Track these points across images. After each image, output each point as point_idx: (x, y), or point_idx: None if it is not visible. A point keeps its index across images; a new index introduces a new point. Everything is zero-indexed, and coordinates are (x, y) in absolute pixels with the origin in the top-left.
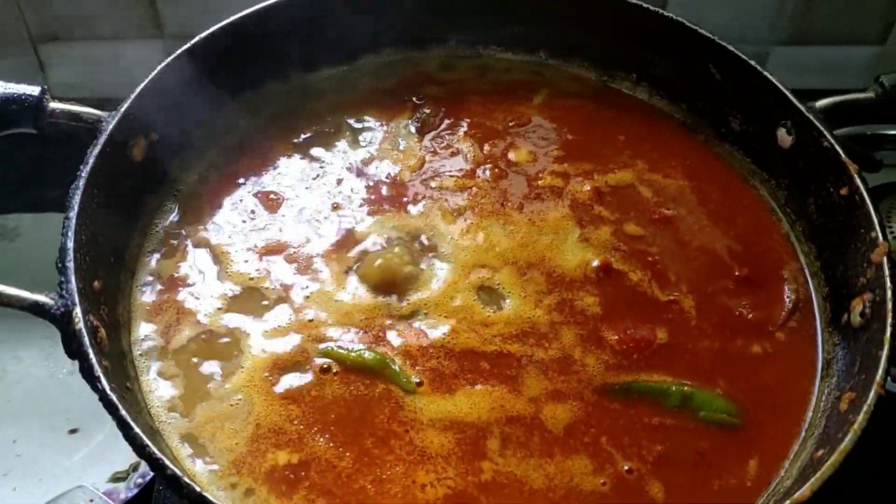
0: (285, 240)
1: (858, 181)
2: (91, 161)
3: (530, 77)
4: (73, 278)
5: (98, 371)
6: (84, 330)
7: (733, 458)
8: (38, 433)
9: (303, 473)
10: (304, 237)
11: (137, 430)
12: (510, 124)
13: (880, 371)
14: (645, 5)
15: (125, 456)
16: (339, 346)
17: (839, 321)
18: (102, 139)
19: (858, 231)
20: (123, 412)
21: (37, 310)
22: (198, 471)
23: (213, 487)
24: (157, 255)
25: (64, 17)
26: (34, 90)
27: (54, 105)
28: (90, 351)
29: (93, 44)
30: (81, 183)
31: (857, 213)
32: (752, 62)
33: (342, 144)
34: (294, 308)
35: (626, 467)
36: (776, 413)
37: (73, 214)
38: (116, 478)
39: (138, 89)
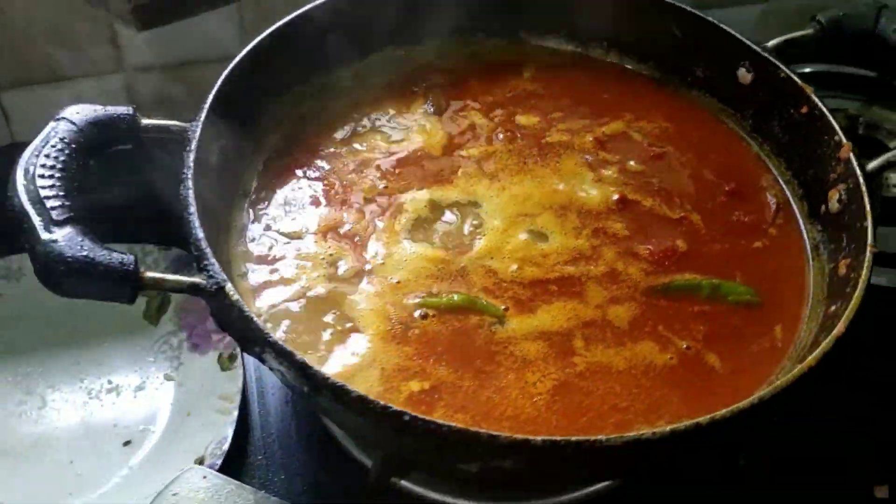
0: (349, 219)
1: (815, 99)
2: (191, 164)
3: (516, 56)
4: (212, 259)
5: (266, 330)
6: (241, 299)
7: (762, 328)
8: (92, 451)
9: (436, 396)
10: (365, 216)
11: (328, 376)
12: (509, 96)
13: (870, 233)
14: None
15: (183, 456)
16: (430, 295)
17: (818, 212)
18: (194, 144)
19: (822, 139)
20: (303, 359)
21: (195, 290)
22: None
23: None
24: (241, 243)
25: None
26: (128, 109)
27: (146, 121)
28: (251, 315)
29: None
30: (189, 184)
31: (819, 125)
32: (710, 18)
33: (377, 136)
34: (378, 276)
35: (684, 345)
36: (785, 290)
37: (192, 210)
38: None
39: (208, 102)
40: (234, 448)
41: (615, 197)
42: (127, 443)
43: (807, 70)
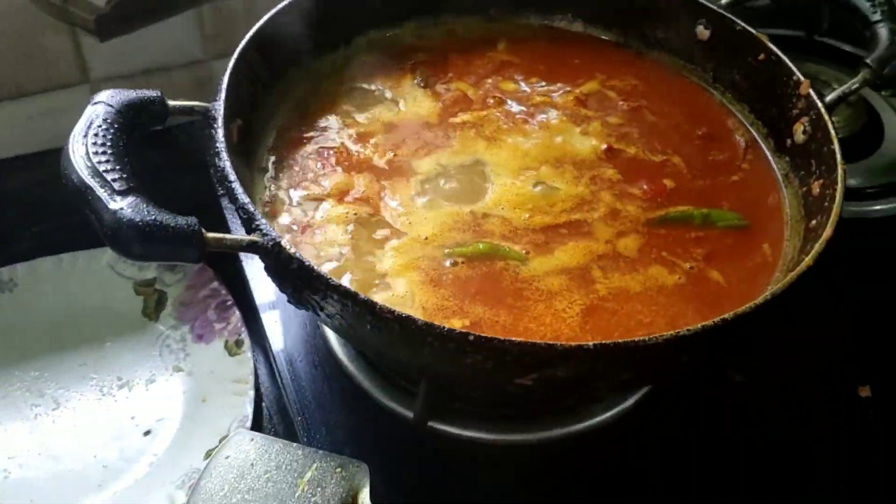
0: (365, 185)
1: (771, 46)
2: (222, 139)
3: (488, 32)
4: (263, 219)
5: (329, 276)
6: (298, 253)
7: (752, 246)
8: (114, 444)
9: (477, 330)
10: (380, 182)
11: (393, 308)
12: (489, 67)
13: (838, 154)
14: None
15: (207, 439)
16: (458, 244)
17: (784, 146)
18: (221, 120)
19: (781, 80)
20: (367, 297)
21: (253, 248)
22: None
23: None
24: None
25: None
26: (156, 92)
27: (172, 103)
28: (312, 263)
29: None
30: (224, 156)
31: (776, 69)
32: None
33: (375, 109)
34: (405, 234)
35: (688, 266)
36: (765, 214)
37: (233, 177)
38: (209, 454)
39: (224, 83)
40: (278, 423)
41: (603, 147)
42: (147, 433)
43: None
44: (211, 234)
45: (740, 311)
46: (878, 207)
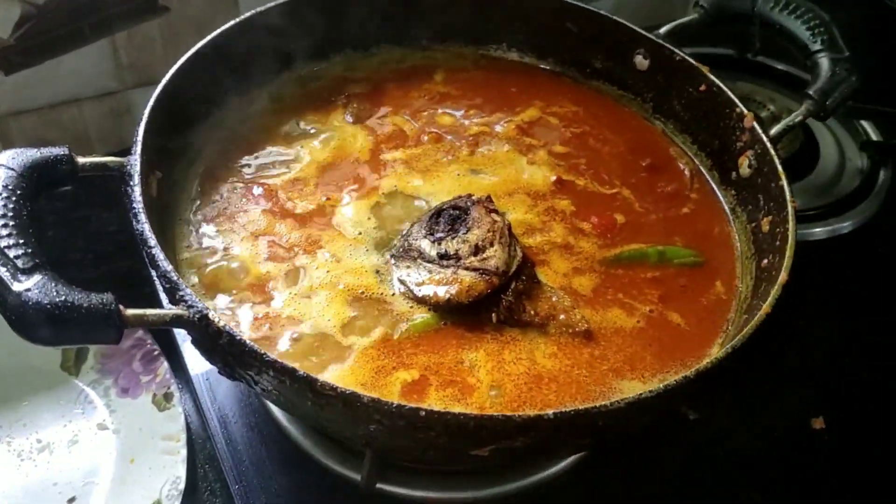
0: (292, 233)
1: (712, 77)
2: (139, 198)
3: (424, 62)
4: (187, 288)
5: (262, 350)
6: (227, 326)
7: (706, 283)
8: None
9: (425, 383)
10: (307, 228)
11: (335, 385)
12: (426, 99)
13: (787, 191)
14: None
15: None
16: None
17: (730, 179)
18: (137, 177)
19: (724, 112)
20: (306, 373)
21: (178, 322)
22: None
23: None
24: (194, 274)
25: None
26: (63, 150)
27: (82, 160)
28: (244, 338)
29: None
30: (142, 217)
31: (719, 101)
32: (602, 11)
33: (304, 149)
34: (331, 284)
35: (647, 309)
36: (717, 249)
37: (153, 242)
38: None
39: (140, 135)
40: (214, 481)
41: (553, 178)
42: (72, 500)
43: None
44: (130, 312)
45: (702, 367)
46: (818, 230)
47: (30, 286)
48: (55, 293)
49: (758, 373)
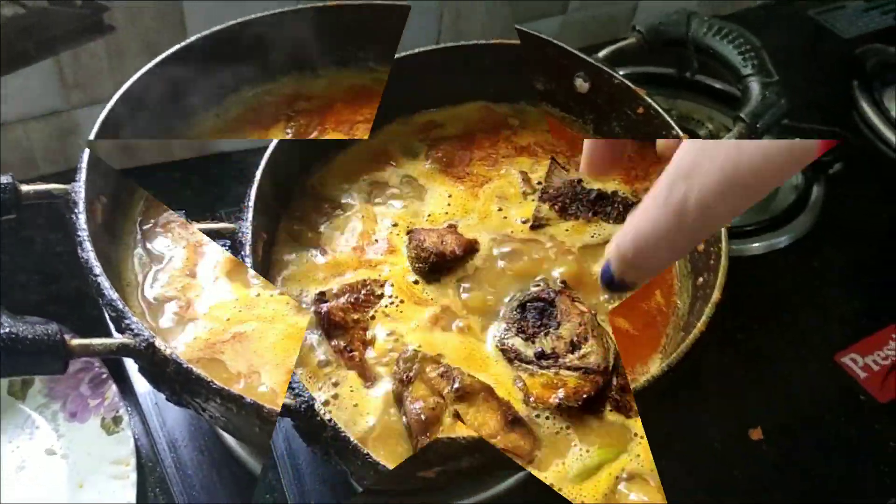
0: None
1: (649, 100)
2: (84, 226)
3: (370, 83)
4: (133, 317)
5: (209, 378)
6: (174, 354)
7: (647, 294)
8: None
9: None
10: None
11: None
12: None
13: None
14: None
15: None
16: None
17: None
18: (82, 205)
19: (661, 133)
20: (254, 400)
21: (125, 351)
22: None
23: None
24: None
25: None
26: (7, 178)
27: (26, 188)
28: (191, 366)
29: None
30: (87, 246)
31: (656, 123)
32: (544, 35)
33: None
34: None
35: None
36: None
37: (99, 271)
38: None
39: (84, 161)
40: (163, 494)
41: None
42: None
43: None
44: (76, 342)
45: (638, 385)
46: (756, 245)
47: None
48: None
49: (695, 387)
